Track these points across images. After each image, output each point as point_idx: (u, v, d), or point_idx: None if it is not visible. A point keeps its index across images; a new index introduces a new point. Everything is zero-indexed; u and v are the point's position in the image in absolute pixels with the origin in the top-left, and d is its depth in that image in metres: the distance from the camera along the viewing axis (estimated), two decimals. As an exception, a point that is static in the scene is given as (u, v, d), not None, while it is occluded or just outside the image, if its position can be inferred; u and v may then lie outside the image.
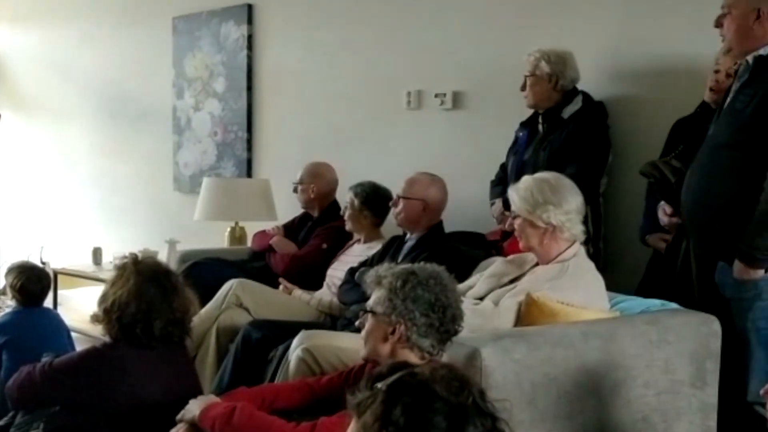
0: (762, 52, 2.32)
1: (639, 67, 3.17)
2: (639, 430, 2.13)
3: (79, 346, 2.81)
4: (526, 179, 2.44)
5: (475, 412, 1.09)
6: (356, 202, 3.39)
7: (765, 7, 2.30)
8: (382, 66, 4.03)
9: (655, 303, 2.40)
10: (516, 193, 2.41)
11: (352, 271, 3.14)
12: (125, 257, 2.24)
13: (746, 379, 2.27)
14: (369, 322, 1.95)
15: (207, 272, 3.47)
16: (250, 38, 4.62)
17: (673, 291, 2.55)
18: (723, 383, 2.28)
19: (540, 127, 3.20)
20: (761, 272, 2.23)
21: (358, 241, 3.46)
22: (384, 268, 1.98)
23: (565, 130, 3.08)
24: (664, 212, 2.66)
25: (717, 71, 2.75)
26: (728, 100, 2.41)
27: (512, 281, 2.43)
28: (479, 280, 2.53)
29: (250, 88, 4.65)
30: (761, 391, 1.65)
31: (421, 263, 2.00)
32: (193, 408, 1.98)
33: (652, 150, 2.94)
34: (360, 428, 1.10)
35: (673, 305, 2.38)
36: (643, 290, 2.73)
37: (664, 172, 2.56)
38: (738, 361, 2.29)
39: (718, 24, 2.40)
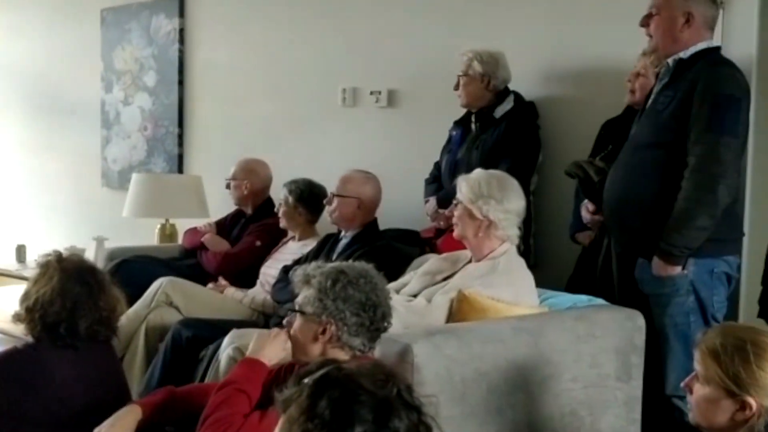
0: (683, 55, 2.39)
1: (569, 68, 3.24)
2: (567, 423, 2.18)
3: (1, 347, 2.70)
4: (479, 171, 2.48)
5: (400, 405, 1.10)
6: (291, 199, 3.37)
7: (694, 11, 2.37)
8: (317, 62, 4.01)
9: (582, 299, 2.46)
10: (465, 181, 2.44)
11: (286, 269, 3.12)
12: (49, 254, 2.16)
13: (665, 373, 2.35)
14: (297, 321, 1.93)
15: (136, 270, 3.40)
16: (181, 32, 4.54)
17: (598, 288, 2.62)
18: (646, 377, 2.35)
19: (473, 126, 3.25)
20: (678, 269, 2.31)
21: (293, 238, 3.44)
22: (312, 267, 1.96)
23: (497, 129, 3.13)
24: (587, 210, 2.74)
25: (636, 74, 2.83)
26: (650, 101, 2.48)
27: (446, 279, 2.46)
28: (413, 278, 2.55)
29: (181, 82, 4.57)
30: (681, 384, 1.71)
31: (350, 262, 2.00)
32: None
33: (581, 150, 3.01)
34: (285, 422, 1.10)
35: (600, 301, 2.45)
36: (572, 286, 2.80)
37: (588, 172, 2.63)
38: (657, 355, 2.37)
39: (644, 23, 2.46)
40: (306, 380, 1.11)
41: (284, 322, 2.02)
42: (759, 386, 1.56)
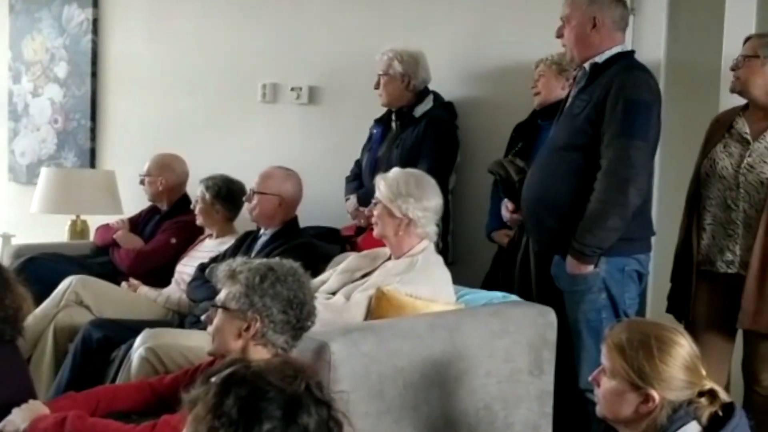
0: (598, 59, 2.47)
1: (487, 70, 3.31)
2: (481, 417, 2.22)
3: None
4: (396, 170, 2.49)
5: (310, 400, 1.09)
6: (207, 195, 3.30)
7: (600, 15, 2.44)
8: (236, 56, 3.95)
9: (497, 295, 2.51)
10: (384, 180, 2.45)
11: (202, 267, 3.06)
12: (-52, 251, 2.05)
13: (578, 368, 2.42)
14: (219, 317, 1.90)
15: (43, 268, 3.27)
16: (95, 22, 4.41)
17: (514, 284, 2.69)
18: (559, 371, 2.42)
19: (393, 124, 3.27)
20: (591, 267, 2.39)
21: (210, 236, 3.37)
22: (238, 263, 1.93)
23: (416, 128, 3.16)
24: (506, 209, 2.80)
25: (537, 79, 2.95)
26: (567, 104, 2.56)
27: (364, 276, 2.46)
28: (332, 276, 2.55)
29: (94, 74, 4.44)
30: (590, 378, 1.76)
31: (278, 259, 1.98)
32: (17, 419, 1.85)
33: (498, 150, 3.08)
34: (192, 421, 1.08)
35: (514, 297, 2.50)
36: (488, 283, 2.85)
37: (509, 171, 2.69)
38: (570, 351, 2.44)
39: (559, 34, 2.53)
40: (213, 379, 1.09)
41: (203, 318, 1.98)
42: (662, 380, 1.61)
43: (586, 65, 2.49)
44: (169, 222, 3.52)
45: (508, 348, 2.27)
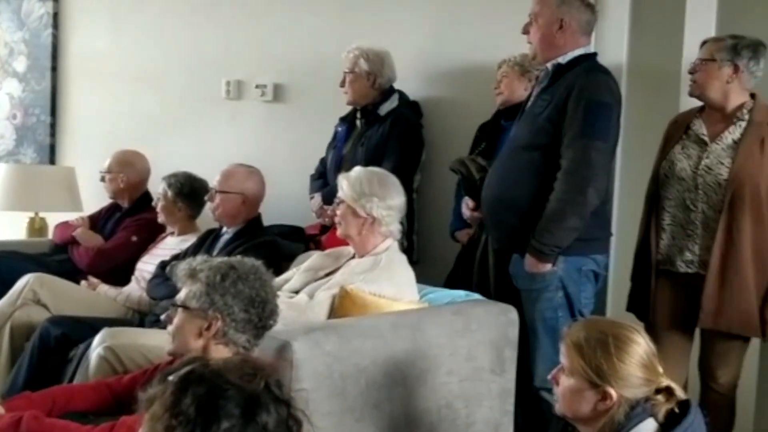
0: (561, 60, 2.49)
1: (452, 69, 3.32)
2: (443, 416, 2.23)
3: None
4: (359, 169, 2.49)
5: (269, 399, 1.09)
6: (169, 193, 3.27)
7: (568, 17, 2.47)
8: (200, 53, 3.92)
9: (460, 294, 2.52)
10: (346, 179, 2.44)
11: (163, 265, 3.03)
12: None
13: (533, 366, 2.45)
14: (179, 316, 1.88)
15: (1, 266, 3.21)
16: (55, 16, 4.35)
17: (475, 282, 2.70)
18: (518, 369, 2.44)
19: (358, 123, 3.26)
20: (549, 266, 2.41)
21: (172, 233, 3.34)
22: (199, 261, 1.91)
23: (381, 126, 3.16)
24: (467, 206, 2.81)
25: (499, 81, 2.98)
26: (529, 103, 2.58)
27: (328, 275, 2.46)
28: (296, 274, 2.54)
29: (54, 68, 4.37)
30: (548, 376, 1.77)
31: (239, 257, 1.96)
32: None
33: (462, 148, 3.09)
34: (149, 420, 1.07)
35: (477, 296, 2.51)
36: (450, 282, 2.86)
37: (470, 169, 2.71)
38: (527, 349, 2.46)
39: (525, 31, 2.55)
40: (170, 377, 1.08)
41: (162, 317, 1.96)
42: (619, 377, 1.63)
43: (549, 65, 2.51)
44: (130, 219, 3.48)
45: (470, 346, 2.28)
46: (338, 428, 2.03)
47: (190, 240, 3.19)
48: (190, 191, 3.27)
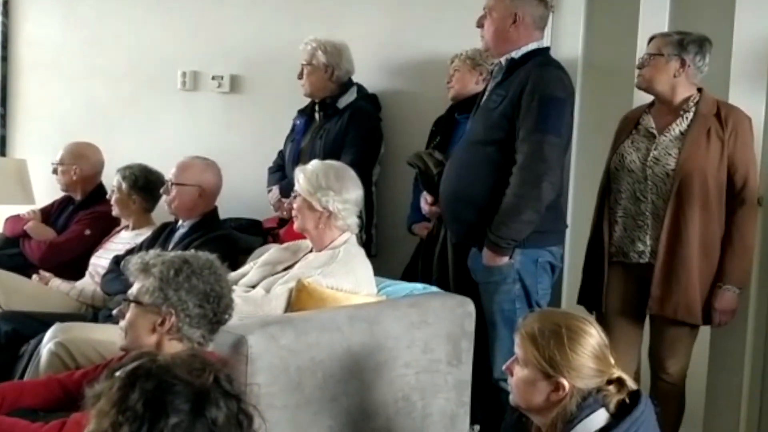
0: (514, 55, 2.52)
1: (410, 62, 3.33)
2: (400, 408, 2.24)
3: None
4: (315, 162, 2.47)
5: (218, 393, 1.08)
6: (124, 185, 3.22)
7: (521, 12, 2.49)
8: (155, 43, 3.86)
9: (417, 287, 2.53)
10: (303, 173, 2.42)
11: (117, 260, 2.98)
12: None
13: (492, 358, 2.47)
14: (132, 311, 1.86)
15: (-51, 261, 3.14)
16: (5, 4, 4.25)
17: (435, 277, 2.72)
18: (474, 362, 2.46)
19: (317, 115, 3.25)
20: (506, 259, 2.44)
21: (126, 227, 3.29)
22: (152, 255, 1.89)
23: (340, 119, 3.16)
24: (425, 201, 2.83)
25: (451, 75, 2.99)
26: (483, 98, 2.60)
27: (286, 269, 2.44)
28: (253, 268, 2.52)
29: (5, 58, 4.27)
30: (503, 367, 1.79)
31: (193, 251, 1.94)
32: None
33: (421, 142, 3.10)
34: (95, 416, 1.06)
35: (434, 289, 2.53)
36: (408, 275, 2.87)
37: (428, 163, 2.72)
38: (485, 342, 2.49)
39: (480, 24, 2.57)
40: (118, 373, 1.06)
41: (115, 312, 1.94)
42: (572, 368, 1.66)
43: (503, 60, 2.53)
44: (83, 213, 3.43)
45: (427, 339, 2.29)
46: (295, 422, 2.02)
47: (144, 234, 3.14)
48: (145, 184, 3.23)
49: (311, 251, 2.46)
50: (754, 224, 2.52)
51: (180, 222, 3.01)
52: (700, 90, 2.55)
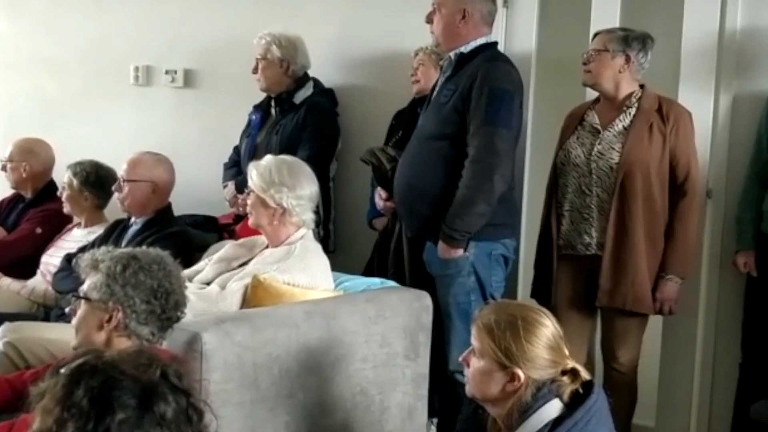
0: (463, 49, 2.54)
1: (367, 57, 3.32)
2: (357, 402, 2.23)
3: None
4: (268, 158, 2.45)
5: (167, 389, 1.07)
6: (75, 182, 3.16)
7: (470, 8, 2.52)
8: (107, 36, 3.80)
9: (375, 282, 2.53)
10: (256, 169, 2.40)
11: (69, 258, 2.91)
12: None
13: (448, 350, 2.49)
14: (82, 309, 1.83)
15: None
16: (-54, -7, 4.10)
17: (390, 271, 2.72)
18: (432, 354, 2.47)
19: (273, 110, 3.23)
20: (461, 251, 2.47)
21: (78, 225, 3.24)
22: (101, 252, 1.87)
23: (296, 114, 3.14)
24: (380, 197, 2.83)
25: (416, 68, 2.99)
26: (434, 93, 2.61)
27: (242, 265, 2.42)
28: (208, 265, 2.49)
29: (-54, 50, 4.13)
30: (460, 358, 1.80)
31: (144, 248, 1.92)
32: None
33: (379, 137, 3.10)
34: (39, 413, 1.03)
35: (392, 283, 2.53)
36: (369, 271, 2.87)
37: (381, 159, 2.73)
38: (441, 335, 2.50)
39: (429, 20, 2.58)
40: (62, 370, 1.04)
41: (67, 310, 1.91)
42: (527, 359, 1.67)
43: (452, 55, 2.55)
44: (34, 210, 3.36)
45: (384, 333, 2.30)
46: (251, 418, 2.01)
47: (97, 232, 3.09)
48: (96, 180, 3.18)
49: (267, 247, 2.44)
50: (695, 215, 2.59)
51: (133, 219, 2.97)
52: (642, 86, 2.61)
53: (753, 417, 2.43)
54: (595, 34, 2.64)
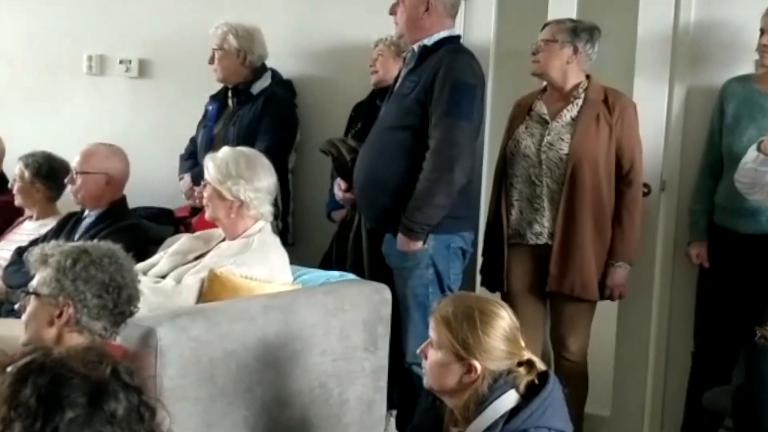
0: (427, 42, 2.54)
1: (325, 47, 3.29)
2: (316, 396, 2.23)
3: None
4: (225, 150, 2.42)
5: (117, 386, 1.05)
6: (27, 174, 3.10)
7: (434, 1, 2.51)
8: (59, 25, 3.71)
9: (334, 275, 2.51)
10: (212, 161, 2.37)
11: (20, 251, 2.84)
12: None
13: (405, 342, 2.49)
14: (32, 304, 1.79)
15: None
16: None
17: (349, 263, 2.71)
18: (392, 347, 2.47)
19: (230, 101, 3.19)
20: (419, 244, 2.47)
21: (30, 217, 3.17)
22: (51, 246, 1.83)
23: (254, 105, 3.11)
24: (339, 188, 2.82)
25: (375, 59, 2.99)
26: (396, 85, 2.61)
27: (198, 258, 2.39)
28: (163, 258, 2.45)
29: None
30: (418, 350, 1.81)
31: (95, 241, 1.89)
32: None
33: (338, 128, 3.08)
34: None
35: (351, 276, 2.52)
36: (326, 263, 2.86)
37: (341, 150, 2.71)
38: (400, 326, 2.50)
39: (392, 12, 2.58)
40: (9, 368, 1.02)
41: (17, 307, 1.87)
42: (484, 350, 1.68)
43: (415, 47, 2.56)
44: (-18, 204, 3.26)
45: (343, 326, 2.29)
46: (208, 414, 1.99)
47: (49, 224, 3.03)
48: (48, 171, 3.11)
49: (224, 240, 2.41)
50: (640, 204, 2.64)
51: (86, 212, 2.91)
52: (588, 76, 2.65)
53: (705, 405, 2.48)
54: (545, 25, 2.67)
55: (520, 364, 1.72)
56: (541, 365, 1.75)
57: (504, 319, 1.73)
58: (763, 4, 2.48)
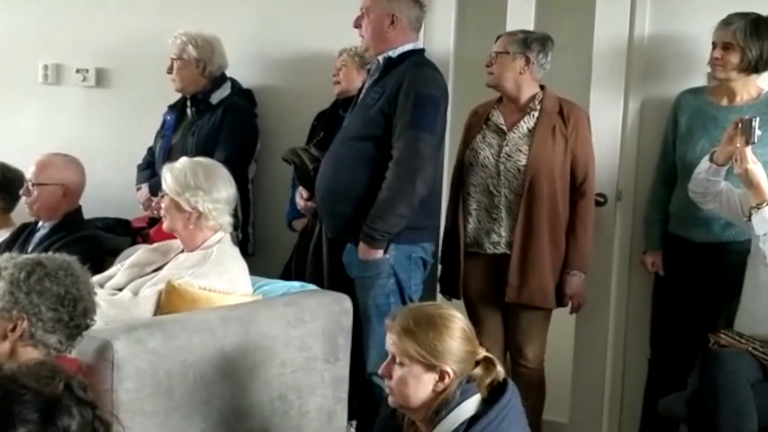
0: (392, 54, 2.57)
1: (286, 57, 3.29)
2: (276, 407, 2.21)
3: None
4: (183, 160, 2.40)
5: (71, 401, 1.03)
6: (-21, 185, 3.02)
7: (399, 13, 2.55)
8: (13, 33, 3.65)
9: (295, 285, 2.50)
10: (170, 171, 2.35)
11: (-29, 264, 2.78)
12: None
13: (366, 353, 2.49)
14: (-16, 318, 1.74)
15: None
16: None
17: (309, 273, 2.71)
18: (352, 357, 2.47)
19: (188, 111, 3.16)
20: (380, 253, 2.48)
21: (-18, 229, 3.08)
22: (4, 258, 1.79)
23: (213, 115, 3.08)
24: (300, 196, 2.82)
25: (338, 69, 2.99)
26: (361, 96, 2.63)
27: (156, 270, 2.36)
28: (120, 270, 2.41)
29: None
30: (379, 371, 1.78)
31: (50, 253, 1.86)
32: None
33: (299, 138, 3.08)
34: None
35: (311, 286, 2.51)
36: (287, 272, 2.85)
37: (303, 159, 2.71)
38: (359, 336, 2.50)
39: (357, 24, 2.60)
40: None
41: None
42: (451, 353, 1.69)
43: (380, 59, 2.57)
44: (-66, 215, 3.17)
45: (303, 337, 2.28)
46: (165, 427, 1.96)
47: (3, 236, 2.97)
48: (2, 182, 3.08)
49: (182, 252, 2.38)
50: (593, 214, 2.69)
51: (41, 223, 2.85)
52: (542, 87, 2.69)
53: (660, 412, 2.52)
54: (498, 37, 2.70)
55: (477, 363, 1.73)
56: (500, 368, 1.76)
57: (460, 319, 1.76)
58: (716, 19, 2.54)
